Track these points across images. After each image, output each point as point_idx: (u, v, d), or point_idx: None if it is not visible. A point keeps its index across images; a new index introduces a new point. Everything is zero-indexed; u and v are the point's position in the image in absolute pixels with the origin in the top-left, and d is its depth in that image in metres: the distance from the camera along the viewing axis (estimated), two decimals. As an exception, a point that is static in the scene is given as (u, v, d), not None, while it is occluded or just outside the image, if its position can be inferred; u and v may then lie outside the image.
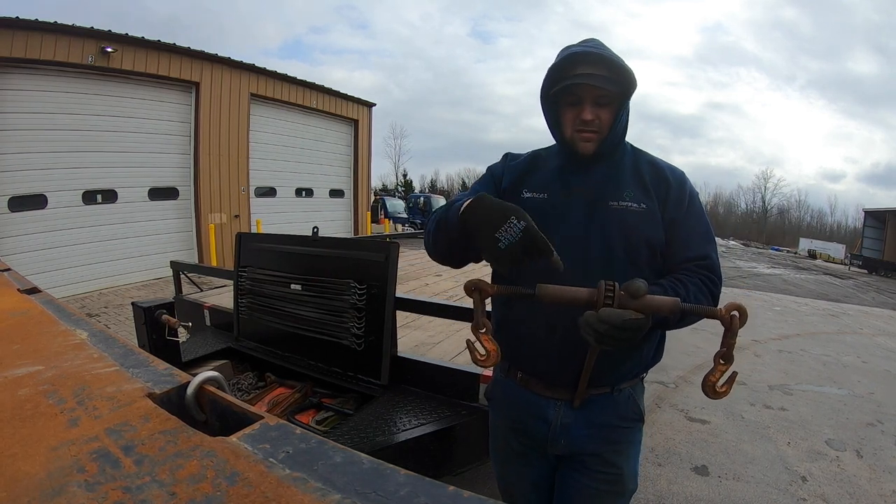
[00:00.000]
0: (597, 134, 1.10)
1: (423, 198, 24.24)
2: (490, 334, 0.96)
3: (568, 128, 1.13)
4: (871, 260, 21.44)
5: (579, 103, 1.09)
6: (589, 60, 1.07)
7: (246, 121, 9.85)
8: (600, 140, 1.11)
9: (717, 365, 0.93)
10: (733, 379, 0.95)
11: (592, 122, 1.09)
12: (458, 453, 1.86)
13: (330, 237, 2.50)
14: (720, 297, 1.10)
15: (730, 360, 0.92)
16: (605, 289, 0.89)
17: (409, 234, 8.28)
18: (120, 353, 0.67)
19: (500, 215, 0.87)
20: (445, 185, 53.70)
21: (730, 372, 0.94)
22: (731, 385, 0.95)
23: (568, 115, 1.12)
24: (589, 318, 0.88)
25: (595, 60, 1.07)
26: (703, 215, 1.17)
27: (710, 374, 0.94)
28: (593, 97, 1.08)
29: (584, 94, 1.08)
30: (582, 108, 1.09)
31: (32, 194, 6.75)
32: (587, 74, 1.06)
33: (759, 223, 49.73)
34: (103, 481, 0.38)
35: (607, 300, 0.88)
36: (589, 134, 1.10)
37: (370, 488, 0.38)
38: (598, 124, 1.09)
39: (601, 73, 1.06)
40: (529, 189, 1.19)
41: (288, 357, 2.38)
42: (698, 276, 1.08)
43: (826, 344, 5.92)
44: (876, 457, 3.03)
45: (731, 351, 0.91)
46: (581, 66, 1.08)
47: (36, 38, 6.46)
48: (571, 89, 1.08)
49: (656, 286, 1.02)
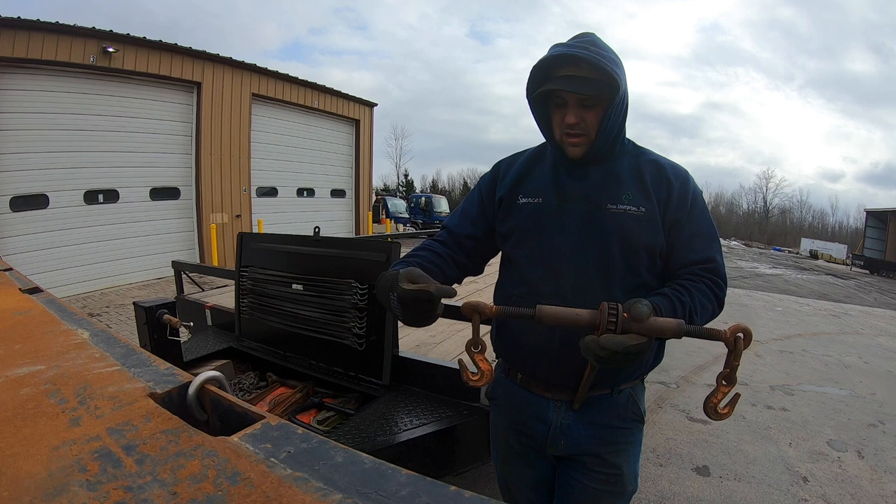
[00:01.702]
0: (584, 136, 1.07)
1: (424, 198, 24.27)
2: (485, 354, 0.96)
3: (556, 130, 1.11)
4: (873, 260, 21.38)
5: (564, 105, 1.07)
6: (571, 61, 1.03)
7: (248, 121, 9.86)
8: (589, 143, 1.08)
9: (720, 386, 0.91)
10: (735, 400, 0.93)
11: (577, 125, 1.06)
12: (460, 453, 1.86)
13: (331, 237, 2.50)
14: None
15: (733, 382, 0.90)
16: (607, 313, 0.86)
17: (410, 234, 8.28)
18: (121, 353, 0.67)
19: (384, 297, 0.96)
20: (447, 185, 53.77)
21: (732, 393, 0.92)
22: (733, 407, 0.92)
23: (556, 116, 1.10)
24: (590, 343, 0.87)
25: (577, 61, 1.03)
26: (707, 216, 1.14)
27: (713, 395, 0.92)
28: (576, 99, 1.05)
29: (568, 96, 1.05)
30: (566, 111, 1.06)
31: (34, 194, 6.76)
32: (566, 77, 1.03)
33: (761, 223, 49.68)
34: (105, 481, 0.38)
35: (610, 325, 0.86)
36: (575, 138, 1.07)
37: (372, 488, 0.38)
38: (584, 127, 1.06)
39: (583, 75, 1.03)
40: (525, 194, 1.17)
41: (289, 357, 2.38)
42: (703, 282, 1.06)
43: (828, 344, 5.91)
44: (877, 457, 3.02)
45: (734, 373, 0.88)
46: (564, 68, 1.04)
47: (38, 39, 6.47)
48: (554, 91, 1.05)
49: (660, 296, 1.00)
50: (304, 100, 11.31)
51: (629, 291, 1.07)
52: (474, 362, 0.95)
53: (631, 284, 1.08)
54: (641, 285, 1.10)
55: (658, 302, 0.96)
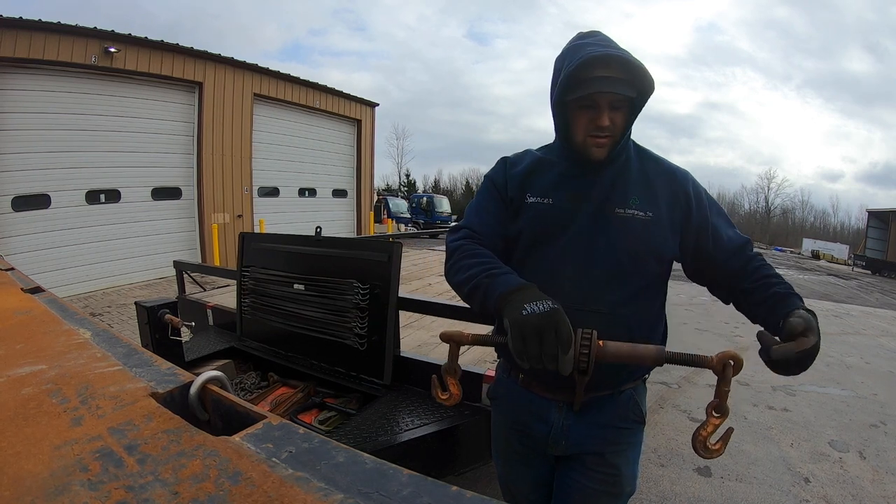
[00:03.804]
0: (610, 138, 1.06)
1: (425, 198, 24.28)
2: (457, 379, 0.99)
3: (580, 133, 1.08)
4: (875, 261, 21.32)
5: (594, 107, 1.04)
6: (604, 62, 1.01)
7: (249, 121, 9.87)
8: (614, 144, 1.08)
9: (710, 418, 0.83)
10: (728, 436, 0.84)
11: (608, 128, 1.05)
12: (461, 453, 1.86)
13: (333, 237, 2.50)
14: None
15: (724, 413, 0.83)
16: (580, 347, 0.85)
17: (412, 234, 8.27)
18: (123, 353, 0.67)
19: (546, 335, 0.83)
20: (448, 185, 53.73)
21: (725, 426, 0.84)
22: (725, 443, 0.83)
23: (581, 119, 1.07)
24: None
25: (609, 61, 1.00)
26: (715, 203, 1.18)
27: (702, 428, 0.83)
28: (609, 101, 1.03)
29: (601, 98, 1.02)
30: (599, 114, 1.04)
31: (36, 194, 6.77)
32: (604, 78, 1.00)
33: (763, 223, 49.58)
34: (106, 480, 0.38)
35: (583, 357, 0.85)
36: (603, 139, 1.06)
37: (373, 488, 0.38)
38: (613, 129, 1.05)
39: (618, 77, 1.01)
40: (534, 194, 1.15)
41: (291, 357, 2.38)
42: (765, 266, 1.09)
43: (829, 345, 5.90)
44: (879, 458, 3.02)
45: (724, 402, 0.82)
46: (597, 69, 1.01)
47: (39, 39, 6.49)
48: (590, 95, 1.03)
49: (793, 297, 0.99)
50: (305, 100, 11.32)
51: (634, 295, 1.07)
52: (445, 385, 0.99)
53: (636, 287, 1.08)
54: (646, 288, 1.10)
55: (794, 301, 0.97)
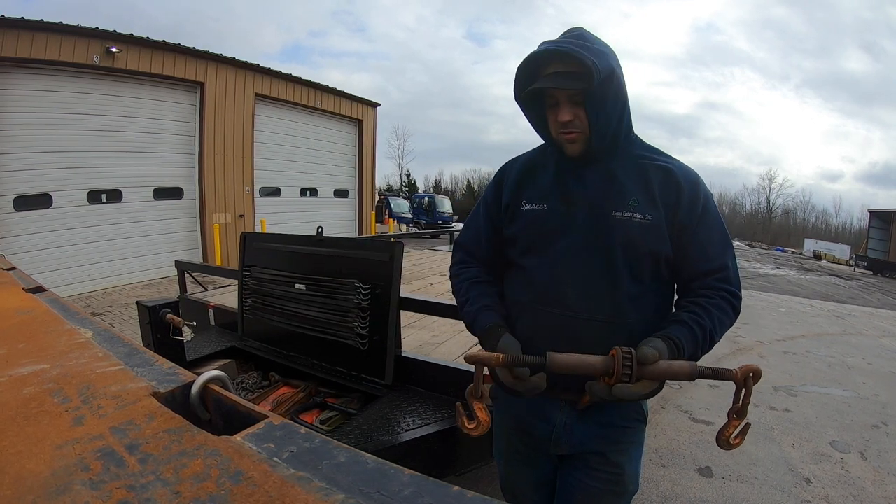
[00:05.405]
0: (580, 133, 1.05)
1: (427, 198, 24.28)
2: (485, 404, 0.95)
3: (553, 129, 1.09)
4: (877, 261, 21.23)
5: (556, 104, 1.05)
6: (559, 58, 1.01)
7: (251, 121, 9.88)
8: (586, 139, 1.06)
9: (731, 420, 0.95)
10: (746, 430, 0.97)
11: (572, 123, 1.04)
12: (463, 453, 1.86)
13: (334, 237, 2.49)
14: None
15: (743, 416, 0.94)
16: (622, 363, 0.87)
17: (413, 234, 8.28)
18: (124, 352, 0.67)
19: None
20: (449, 185, 53.74)
21: (743, 424, 0.96)
22: (744, 436, 0.96)
23: (551, 116, 1.08)
24: (599, 392, 0.92)
25: (564, 57, 1.00)
26: (719, 220, 1.11)
27: (724, 428, 0.95)
28: (567, 96, 1.03)
29: (559, 93, 1.04)
30: (559, 109, 1.05)
31: (37, 194, 6.79)
32: (554, 75, 1.02)
33: (764, 224, 49.51)
34: (108, 480, 0.38)
35: (625, 376, 0.87)
36: (571, 135, 1.06)
37: (374, 488, 0.38)
38: (579, 123, 1.04)
39: (570, 70, 1.00)
40: (529, 200, 1.15)
41: (292, 356, 2.38)
42: (718, 296, 1.05)
43: (831, 345, 5.88)
44: (881, 459, 3.01)
45: (745, 409, 0.92)
46: (552, 65, 1.02)
47: (41, 39, 6.50)
48: (546, 90, 1.04)
49: (678, 324, 1.01)
50: (307, 100, 11.33)
51: (634, 298, 1.06)
52: (473, 411, 0.94)
53: (636, 291, 1.07)
54: (646, 292, 1.09)
55: (677, 333, 0.98)
